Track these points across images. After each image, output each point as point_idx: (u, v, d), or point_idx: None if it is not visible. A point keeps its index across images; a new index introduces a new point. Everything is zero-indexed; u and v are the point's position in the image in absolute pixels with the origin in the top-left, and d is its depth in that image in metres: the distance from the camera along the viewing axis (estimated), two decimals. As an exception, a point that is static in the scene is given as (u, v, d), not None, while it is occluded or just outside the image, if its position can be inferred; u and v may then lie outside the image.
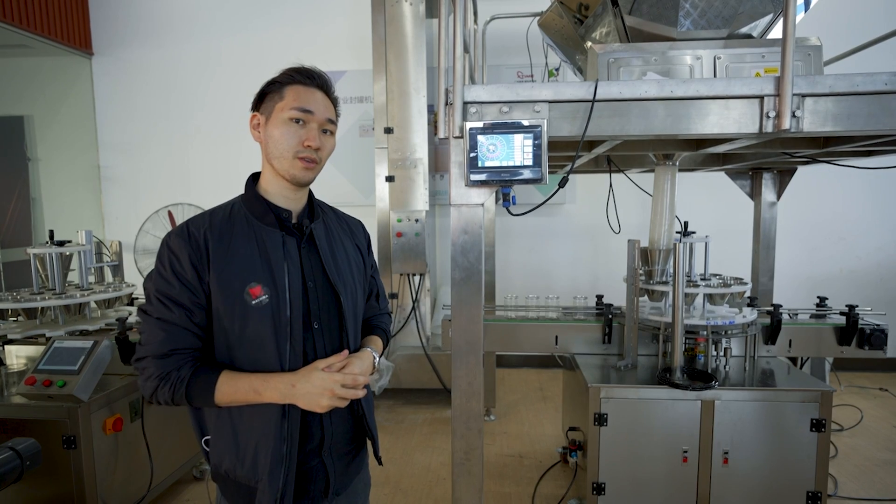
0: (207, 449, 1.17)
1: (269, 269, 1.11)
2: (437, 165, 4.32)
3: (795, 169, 2.86)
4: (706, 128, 1.43)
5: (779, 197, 2.97)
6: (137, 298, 2.98)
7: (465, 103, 1.46)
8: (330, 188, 4.47)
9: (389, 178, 3.60)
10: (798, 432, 2.02)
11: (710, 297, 2.34)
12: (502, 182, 1.40)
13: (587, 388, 2.11)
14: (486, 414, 3.62)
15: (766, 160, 2.45)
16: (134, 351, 2.43)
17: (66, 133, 4.83)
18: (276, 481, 1.09)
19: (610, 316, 2.42)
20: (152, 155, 4.83)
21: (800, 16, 1.99)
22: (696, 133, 1.45)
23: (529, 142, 1.38)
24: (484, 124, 1.40)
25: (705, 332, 2.25)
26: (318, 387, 1.06)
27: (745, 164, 2.66)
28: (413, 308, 3.72)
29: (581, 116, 1.46)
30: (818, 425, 2.00)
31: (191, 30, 4.69)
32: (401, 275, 3.69)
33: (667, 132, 1.45)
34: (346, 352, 1.15)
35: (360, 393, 1.12)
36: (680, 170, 2.44)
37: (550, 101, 1.46)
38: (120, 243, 2.93)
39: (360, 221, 1.39)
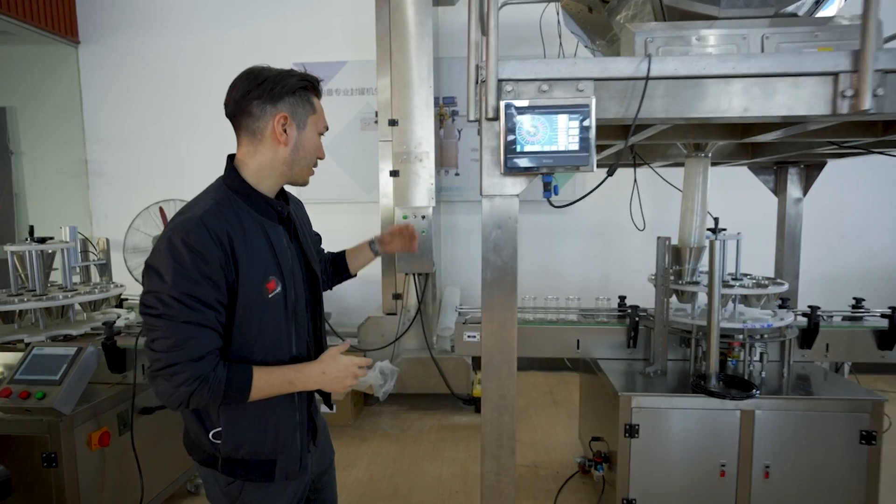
0: (217, 441, 1.19)
1: (277, 262, 1.18)
2: (443, 160, 4.15)
3: (825, 163, 2.71)
4: (772, 109, 1.27)
5: (805, 192, 2.83)
6: (127, 300, 2.78)
7: (500, 81, 1.29)
8: (330, 184, 4.26)
9: (394, 173, 3.43)
10: (846, 445, 1.88)
11: (744, 299, 2.19)
12: (545, 169, 1.23)
13: (616, 397, 1.95)
14: (496, 420, 3.46)
15: (799, 153, 2.30)
16: (123, 357, 2.22)
17: (51, 125, 4.61)
18: (296, 445, 1.23)
19: (636, 318, 2.27)
20: (143, 149, 4.61)
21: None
22: (759, 115, 1.29)
23: (576, 123, 1.22)
24: (524, 104, 1.24)
25: (741, 336, 2.10)
26: (344, 370, 1.20)
27: (774, 157, 2.51)
28: (419, 309, 3.55)
29: (630, 96, 1.29)
30: (868, 437, 1.86)
31: (183, 18, 4.47)
32: (406, 274, 3.52)
33: (727, 115, 1.29)
34: (348, 342, 1.36)
35: (360, 372, 1.27)
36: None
37: (596, 79, 1.29)
38: (108, 240, 2.73)
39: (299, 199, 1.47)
